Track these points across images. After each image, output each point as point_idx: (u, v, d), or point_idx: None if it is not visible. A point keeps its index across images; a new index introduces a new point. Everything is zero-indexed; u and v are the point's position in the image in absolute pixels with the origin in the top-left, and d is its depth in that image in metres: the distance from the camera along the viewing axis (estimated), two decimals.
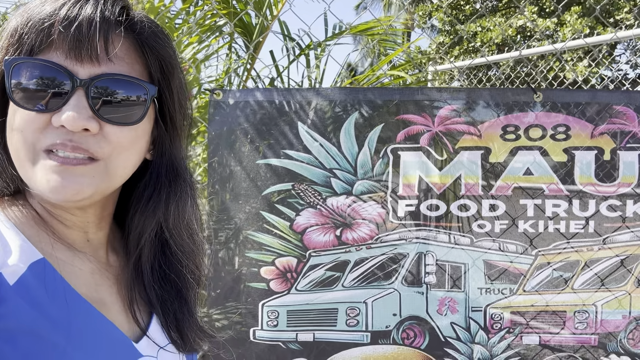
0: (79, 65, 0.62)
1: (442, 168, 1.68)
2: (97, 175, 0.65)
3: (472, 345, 1.73)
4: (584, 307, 1.72)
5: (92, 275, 0.71)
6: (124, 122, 0.66)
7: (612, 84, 7.17)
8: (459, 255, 1.71)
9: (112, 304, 0.72)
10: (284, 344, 1.71)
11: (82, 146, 0.63)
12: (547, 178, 1.70)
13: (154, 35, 0.69)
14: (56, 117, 0.62)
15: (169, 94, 0.72)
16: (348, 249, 1.69)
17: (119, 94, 0.65)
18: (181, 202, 0.77)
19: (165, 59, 0.70)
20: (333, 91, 1.68)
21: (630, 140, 1.69)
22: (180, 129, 0.76)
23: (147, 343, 0.73)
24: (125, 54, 0.66)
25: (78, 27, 0.61)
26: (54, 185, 0.62)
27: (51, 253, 0.66)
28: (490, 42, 10.05)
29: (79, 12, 0.62)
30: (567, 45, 3.54)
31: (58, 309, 0.62)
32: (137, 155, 0.71)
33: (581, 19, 9.68)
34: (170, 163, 0.76)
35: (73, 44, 0.62)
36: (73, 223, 0.71)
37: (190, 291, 0.82)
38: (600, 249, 1.71)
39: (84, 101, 0.62)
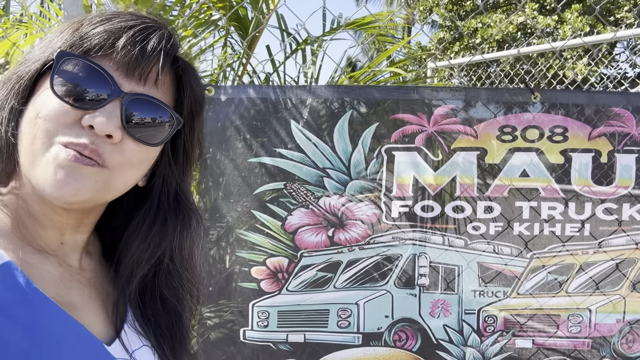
0: (126, 80, 0.68)
1: (437, 168, 1.66)
2: (99, 181, 0.67)
3: (465, 348, 1.71)
4: (578, 310, 1.70)
5: (62, 278, 0.72)
6: (144, 140, 0.70)
7: (611, 83, 7.14)
8: (453, 257, 1.69)
9: (83, 307, 0.72)
10: (275, 344, 1.69)
11: (98, 150, 0.66)
12: (543, 180, 1.68)
13: (194, 77, 0.77)
14: (88, 117, 0.65)
15: (189, 131, 0.78)
16: (340, 249, 1.66)
17: (150, 115, 0.70)
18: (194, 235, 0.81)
19: (197, 99, 0.77)
20: (327, 89, 1.65)
21: (627, 142, 1.67)
22: (194, 163, 0.81)
23: (120, 346, 0.73)
24: (166, 83, 0.73)
25: (142, 50, 0.68)
26: (60, 178, 0.64)
27: (19, 256, 0.66)
28: (490, 39, 10.01)
29: (145, 37, 0.69)
30: (567, 44, 3.51)
31: (24, 312, 0.62)
32: (138, 175, 0.74)
33: (581, 17, 9.64)
34: (178, 195, 0.80)
35: (130, 61, 0.67)
36: (51, 223, 0.71)
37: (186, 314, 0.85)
38: (595, 253, 1.69)
39: (118, 111, 0.67)
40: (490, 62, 6.00)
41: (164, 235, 0.79)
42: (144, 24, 0.70)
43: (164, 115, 0.71)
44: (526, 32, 10.71)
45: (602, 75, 7.86)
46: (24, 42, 2.18)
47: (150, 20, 0.72)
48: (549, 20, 9.89)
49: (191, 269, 0.83)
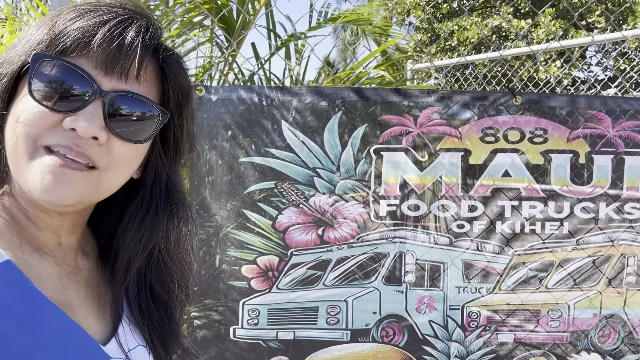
0: (106, 78, 0.66)
1: (423, 169, 1.71)
2: (89, 184, 0.66)
3: (450, 342, 1.76)
4: (557, 305, 1.77)
5: (60, 278, 0.71)
6: (130, 138, 0.68)
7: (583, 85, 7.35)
8: (438, 254, 1.74)
9: (79, 307, 0.72)
10: (264, 342, 1.72)
11: (86, 153, 0.65)
12: (524, 180, 1.74)
13: (179, 67, 0.74)
14: (70, 120, 0.63)
15: (178, 122, 0.76)
16: (330, 247, 1.70)
17: (134, 112, 0.68)
18: (183, 226, 0.80)
19: (183, 90, 0.75)
20: (318, 90, 1.68)
21: (604, 144, 1.74)
22: (184, 154, 0.80)
23: (115, 345, 0.74)
24: (148, 76, 0.70)
25: (119, 46, 0.65)
26: (47, 184, 0.63)
27: (18, 255, 0.66)
28: (466, 42, 10.18)
29: (122, 32, 0.66)
30: (544, 47, 3.61)
31: (24, 310, 0.62)
32: (130, 172, 0.73)
33: (555, 21, 9.87)
34: (168, 185, 0.79)
35: (108, 58, 0.65)
36: (47, 225, 0.71)
37: (177, 309, 0.84)
38: (573, 250, 1.77)
39: (100, 111, 0.65)
40: (467, 64, 6.11)
41: (155, 226, 0.78)
42: (120, 16, 0.68)
43: (148, 110, 0.69)
44: (501, 35, 10.92)
45: (576, 79, 8.08)
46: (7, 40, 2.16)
47: (126, 11, 0.69)
48: (523, 24, 10.11)
49: (180, 261, 0.82)
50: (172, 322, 0.82)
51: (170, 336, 0.81)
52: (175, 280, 0.82)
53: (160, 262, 0.80)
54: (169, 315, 0.82)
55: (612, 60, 8.43)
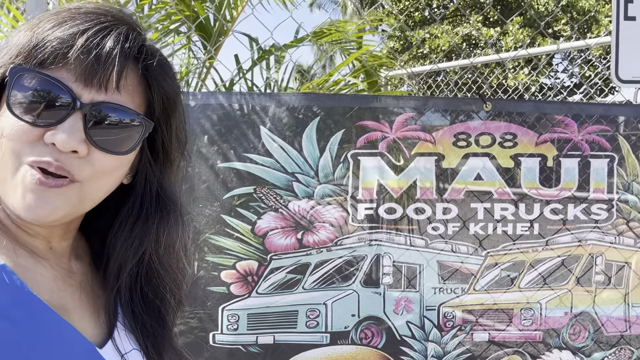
0: (86, 89, 0.64)
1: (399, 173, 1.75)
2: (71, 197, 0.66)
3: (427, 343, 1.80)
4: (529, 304, 1.83)
5: (55, 281, 0.72)
6: (112, 150, 0.67)
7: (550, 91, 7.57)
8: (415, 256, 1.78)
9: (74, 310, 0.72)
10: (244, 347, 1.73)
11: (65, 167, 0.64)
12: (495, 183, 1.80)
13: (164, 74, 0.72)
14: (49, 135, 0.63)
15: (166, 128, 0.75)
16: (309, 251, 1.72)
17: (115, 123, 0.67)
18: (173, 232, 0.79)
19: (169, 96, 0.73)
20: (296, 96, 1.71)
21: (570, 147, 1.82)
22: (174, 160, 0.79)
23: (111, 348, 0.74)
24: (131, 84, 0.68)
25: (96, 57, 0.64)
26: (29, 203, 0.63)
27: (13, 259, 0.66)
28: (437, 49, 10.37)
29: (99, 42, 0.64)
30: (514, 55, 3.72)
31: (21, 314, 0.62)
32: (114, 182, 0.72)
33: (522, 30, 10.15)
34: (158, 192, 0.78)
35: (86, 70, 0.64)
36: (37, 233, 0.71)
37: (170, 314, 0.84)
38: (543, 250, 1.83)
39: (80, 124, 0.64)
40: (439, 71, 6.24)
41: (146, 232, 0.77)
42: (99, 24, 0.66)
43: (130, 120, 0.68)
44: (471, 43, 11.17)
45: (543, 85, 8.31)
46: None
47: (106, 18, 0.67)
48: (492, 32, 10.36)
49: (171, 267, 0.82)
50: (165, 328, 0.81)
51: (163, 341, 0.81)
52: (166, 286, 0.81)
53: (151, 268, 0.80)
54: (162, 320, 0.81)
55: (577, 67, 8.71)
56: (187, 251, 0.85)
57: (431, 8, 11.48)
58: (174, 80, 0.75)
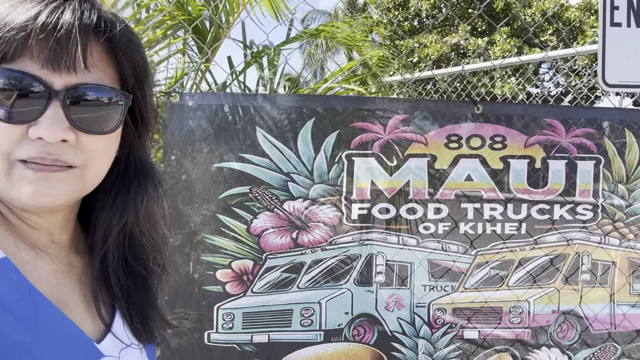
0: (55, 75, 0.62)
1: (392, 174, 1.79)
2: (73, 182, 0.66)
3: (417, 339, 1.83)
4: (518, 302, 1.87)
5: (55, 275, 0.72)
6: (99, 131, 0.67)
7: (537, 100, 7.69)
8: (407, 255, 1.82)
9: (74, 304, 0.73)
10: (239, 346, 1.75)
11: (60, 158, 0.64)
12: (485, 184, 1.85)
13: (129, 42, 0.70)
14: (34, 130, 0.62)
15: (141, 96, 0.74)
16: (304, 251, 1.75)
17: (95, 103, 0.65)
18: (151, 200, 0.80)
19: (139, 65, 0.72)
20: (292, 98, 1.75)
21: (558, 150, 1.87)
22: (150, 127, 0.79)
23: (109, 343, 0.74)
24: (99, 60, 0.66)
25: (57, 39, 0.61)
26: (32, 193, 0.64)
27: (14, 252, 0.66)
28: (427, 58, 10.49)
29: (57, 21, 0.62)
30: (504, 62, 3.80)
31: (23, 308, 0.62)
32: (110, 159, 0.73)
33: (510, 39, 10.31)
34: (139, 161, 0.79)
35: (51, 54, 0.61)
36: (39, 225, 0.71)
37: (155, 282, 0.85)
38: (532, 249, 1.88)
39: (61, 112, 0.63)
40: (427, 80, 6.32)
41: (127, 201, 0.77)
42: (50, 3, 0.63)
43: (108, 97, 0.67)
44: (459, 52, 11.31)
45: (530, 94, 8.44)
46: None
47: None
48: (480, 42, 10.51)
49: (151, 234, 0.82)
50: (149, 295, 0.82)
51: (148, 309, 0.81)
52: (148, 253, 0.82)
53: (133, 236, 0.80)
54: (147, 289, 0.82)
55: (563, 76, 8.86)
56: (165, 218, 0.85)
57: (420, 18, 11.63)
58: (140, 47, 0.73)
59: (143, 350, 0.81)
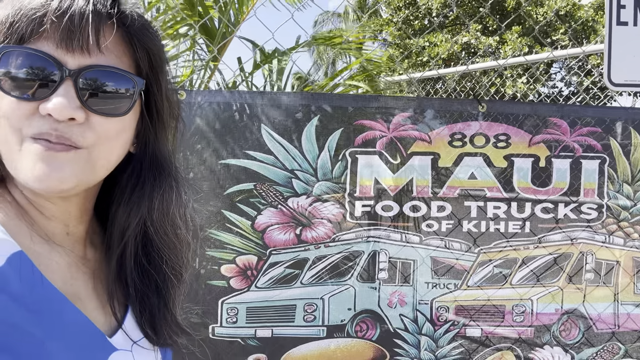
0: (69, 55, 0.64)
1: (396, 171, 1.80)
2: (80, 163, 0.66)
3: (420, 336, 1.84)
4: (521, 301, 1.87)
5: (69, 269, 0.72)
6: (111, 113, 0.67)
7: (548, 99, 7.64)
8: (410, 252, 1.83)
9: (87, 298, 0.73)
10: (243, 340, 1.77)
11: (65, 135, 0.64)
12: (489, 182, 1.85)
13: (144, 29, 0.70)
14: (44, 106, 0.63)
15: (156, 88, 0.73)
16: (307, 247, 1.77)
17: (107, 85, 0.66)
18: (166, 196, 0.78)
19: (154, 53, 0.72)
20: (296, 95, 1.76)
21: (563, 149, 1.87)
22: (167, 122, 0.77)
23: (121, 337, 0.75)
24: (114, 46, 0.67)
25: (70, 18, 0.63)
26: (39, 173, 0.63)
27: (29, 246, 0.66)
28: (437, 57, 10.46)
29: (71, 3, 0.64)
30: (508, 62, 3.79)
31: (36, 301, 0.62)
32: (122, 147, 0.72)
33: (521, 38, 10.25)
34: (154, 156, 0.77)
35: (65, 34, 0.63)
36: (53, 214, 0.71)
37: (169, 286, 0.82)
38: (535, 248, 1.88)
39: (72, 91, 0.64)
40: (438, 79, 6.31)
41: (142, 197, 0.76)
42: None
43: (122, 80, 0.67)
44: (470, 51, 11.26)
45: (541, 93, 8.39)
46: None
47: None
48: (491, 41, 10.45)
49: (167, 234, 0.79)
50: (161, 300, 0.80)
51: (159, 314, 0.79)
52: (163, 256, 0.79)
53: (147, 236, 0.78)
54: (158, 293, 0.80)
55: (574, 76, 8.79)
56: (186, 219, 0.82)
57: (431, 16, 11.59)
58: (156, 36, 0.73)
59: (158, 352, 0.81)
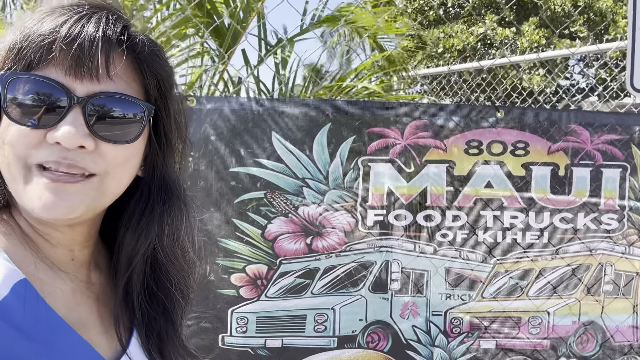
0: (77, 82, 0.63)
1: (409, 180, 1.75)
2: (90, 192, 0.65)
3: (433, 348, 1.81)
4: (537, 313, 1.83)
5: (73, 295, 0.71)
6: (120, 140, 0.66)
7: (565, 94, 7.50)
8: (423, 263, 1.79)
9: (91, 324, 0.72)
10: (253, 350, 1.75)
11: (77, 164, 0.63)
12: (506, 191, 1.80)
13: (153, 55, 0.70)
14: (51, 134, 0.62)
15: (165, 113, 0.73)
16: (318, 256, 1.74)
17: (116, 112, 0.66)
18: (176, 221, 0.77)
19: (163, 78, 0.71)
20: (307, 102, 1.72)
21: (583, 157, 1.81)
22: (175, 145, 0.77)
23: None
24: (124, 72, 0.67)
25: (80, 45, 0.62)
26: (46, 202, 0.63)
27: (34, 273, 0.66)
28: (452, 49, 10.32)
29: (80, 30, 0.63)
30: (518, 60, 3.70)
31: (40, 332, 0.62)
32: (131, 172, 0.71)
33: (538, 30, 10.06)
34: (163, 181, 0.76)
35: (74, 61, 0.63)
36: (59, 241, 0.70)
37: (177, 310, 0.82)
38: (553, 259, 1.83)
39: (81, 118, 0.63)
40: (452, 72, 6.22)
41: (151, 222, 0.75)
42: (76, 14, 0.65)
43: (130, 107, 0.67)
44: (486, 43, 11.09)
45: (559, 88, 8.24)
46: None
47: (83, 8, 0.66)
48: (507, 32, 10.28)
49: (177, 258, 0.79)
50: (169, 324, 0.80)
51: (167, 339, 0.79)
52: (172, 279, 0.79)
53: (156, 260, 0.78)
54: (167, 316, 0.80)
55: (593, 70, 8.62)
56: (194, 243, 0.82)
57: (446, 7, 11.42)
58: (165, 61, 0.73)
59: None
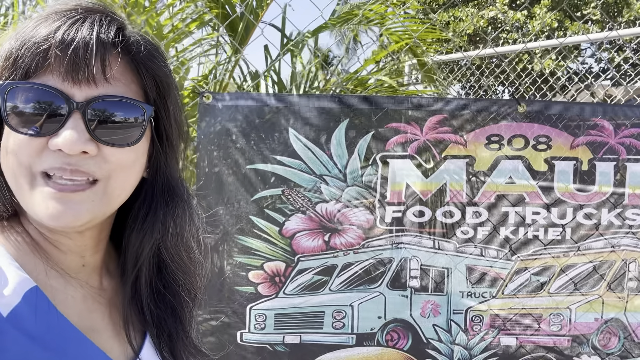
0: (75, 87, 0.63)
1: (428, 176, 1.72)
2: (96, 199, 0.65)
3: (453, 346, 1.79)
4: (558, 310, 1.80)
5: (85, 301, 0.71)
6: (122, 143, 0.66)
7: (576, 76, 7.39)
8: (443, 260, 1.76)
9: (103, 329, 0.72)
10: (271, 346, 1.74)
11: (81, 169, 0.63)
12: (528, 186, 1.76)
13: (150, 55, 0.69)
14: (53, 141, 0.62)
15: (165, 113, 0.73)
16: (336, 253, 1.71)
17: (116, 115, 0.65)
18: (179, 221, 0.77)
19: (161, 79, 0.70)
20: (325, 98, 1.68)
21: (606, 151, 1.76)
22: (176, 146, 0.76)
23: None
24: (121, 74, 0.66)
25: (74, 50, 0.62)
26: (52, 212, 0.62)
27: (45, 281, 0.66)
28: (462, 32, 10.17)
29: (75, 34, 0.62)
30: (528, 47, 3.62)
31: (52, 339, 0.62)
32: (136, 175, 0.71)
33: (551, 13, 9.88)
34: (165, 181, 0.76)
35: (70, 67, 0.62)
36: (69, 248, 0.70)
37: (185, 310, 0.82)
38: (575, 255, 1.79)
39: (81, 124, 0.63)
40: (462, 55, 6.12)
41: (155, 223, 0.75)
42: (70, 19, 0.64)
43: (130, 109, 0.66)
44: (496, 26, 10.92)
45: (569, 70, 8.11)
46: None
47: (76, 12, 0.65)
48: (519, 15, 10.10)
49: (182, 259, 0.79)
50: (178, 324, 0.80)
51: (177, 338, 0.79)
52: (178, 279, 0.79)
53: (161, 260, 0.78)
54: (175, 316, 0.80)
55: (605, 52, 8.47)
56: (199, 242, 0.82)
57: None
58: (163, 61, 0.72)
59: None
